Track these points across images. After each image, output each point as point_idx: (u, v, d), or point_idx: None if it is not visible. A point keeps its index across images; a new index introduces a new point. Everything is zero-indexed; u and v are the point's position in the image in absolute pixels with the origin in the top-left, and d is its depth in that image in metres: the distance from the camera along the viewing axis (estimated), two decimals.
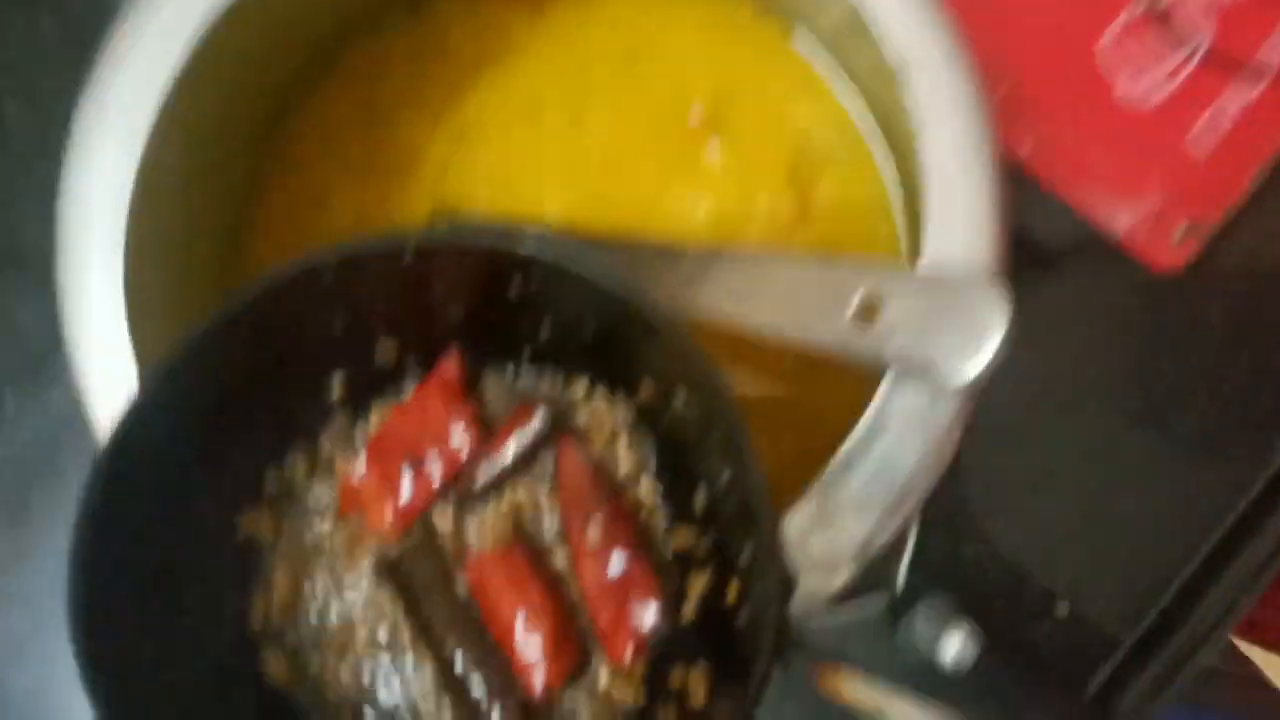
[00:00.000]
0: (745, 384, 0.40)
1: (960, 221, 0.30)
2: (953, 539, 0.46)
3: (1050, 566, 0.48)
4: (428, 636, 0.29)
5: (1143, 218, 0.40)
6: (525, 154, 0.42)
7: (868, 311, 0.30)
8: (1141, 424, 0.49)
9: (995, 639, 0.36)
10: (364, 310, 0.30)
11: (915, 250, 0.40)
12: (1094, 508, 0.49)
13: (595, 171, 0.42)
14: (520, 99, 0.42)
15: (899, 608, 0.32)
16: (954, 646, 0.29)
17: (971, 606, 0.37)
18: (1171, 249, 0.40)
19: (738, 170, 0.42)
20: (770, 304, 0.31)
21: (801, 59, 0.42)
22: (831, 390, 0.40)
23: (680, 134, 0.42)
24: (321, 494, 0.31)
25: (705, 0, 0.43)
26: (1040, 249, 0.43)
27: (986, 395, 0.47)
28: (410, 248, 0.28)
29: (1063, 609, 0.48)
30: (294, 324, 0.29)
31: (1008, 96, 0.40)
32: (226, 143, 0.38)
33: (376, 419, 0.32)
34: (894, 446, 0.30)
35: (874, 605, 0.33)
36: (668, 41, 0.43)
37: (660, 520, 0.30)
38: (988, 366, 0.28)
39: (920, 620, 0.30)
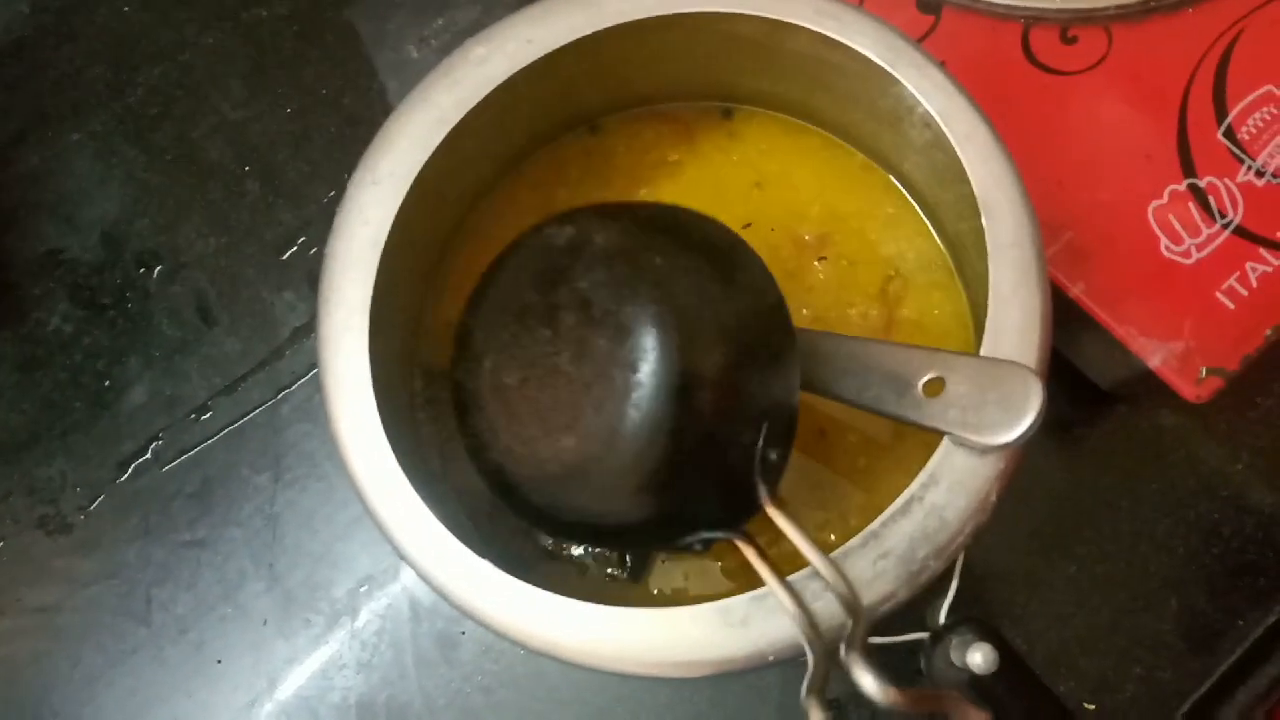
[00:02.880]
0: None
1: (1011, 326, 0.39)
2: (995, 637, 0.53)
3: (1080, 669, 0.54)
4: None
5: (1174, 356, 0.47)
6: None
7: (932, 388, 0.38)
8: (1169, 546, 0.55)
9: None
10: None
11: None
12: (1122, 620, 0.55)
13: None
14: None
15: (935, 640, 0.39)
16: (980, 655, 0.35)
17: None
18: (1197, 384, 0.47)
19: (838, 285, 0.51)
20: (859, 378, 0.40)
21: (897, 198, 0.51)
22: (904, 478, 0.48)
23: (793, 252, 0.52)
24: None
25: (821, 150, 0.53)
26: (1099, 381, 0.51)
27: (1031, 500, 0.54)
28: None
29: (1089, 709, 0.54)
30: None
31: (1068, 244, 0.49)
32: (444, 210, 0.48)
33: None
34: (944, 498, 0.38)
35: (917, 639, 0.40)
36: (788, 177, 0.53)
37: None
38: (1023, 435, 0.35)
39: (955, 645, 0.37)
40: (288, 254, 0.63)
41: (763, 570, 0.35)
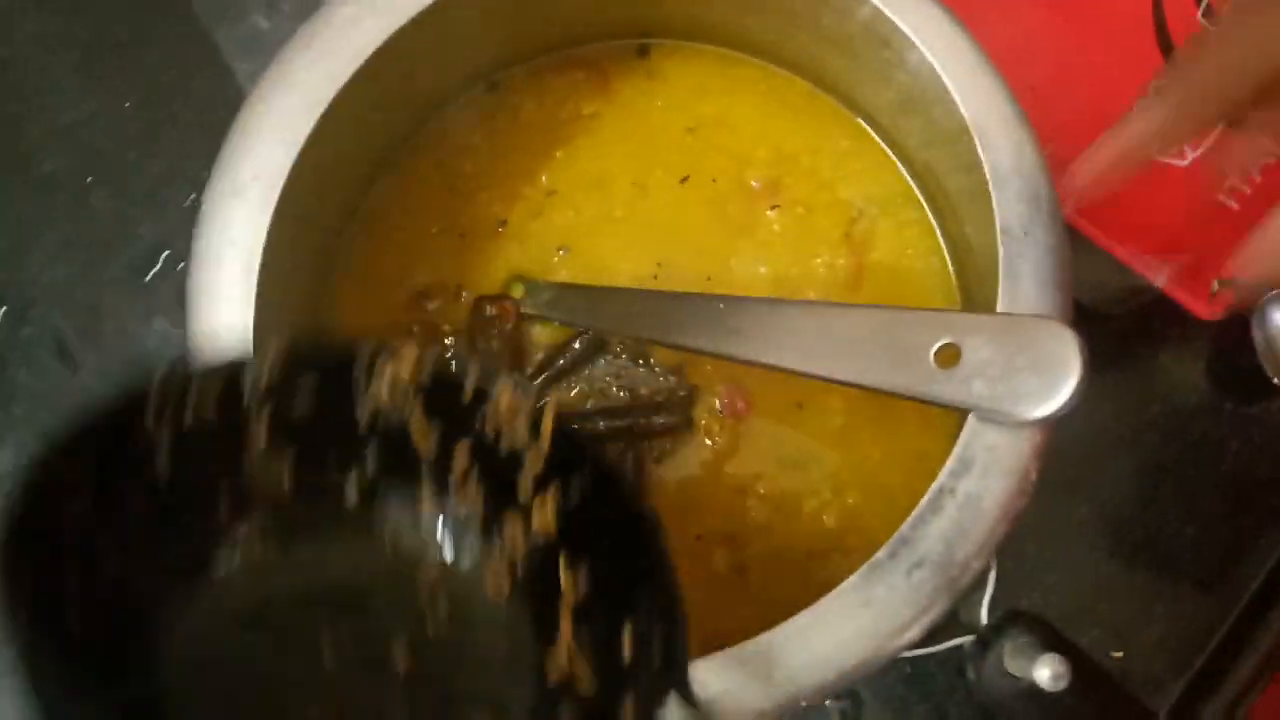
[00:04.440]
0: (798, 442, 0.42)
1: (1028, 272, 0.33)
2: (1012, 592, 0.48)
3: (1102, 616, 0.50)
4: None
5: (1181, 272, 0.42)
6: (596, 221, 0.44)
7: (946, 357, 0.32)
8: (1179, 471, 0.51)
9: None
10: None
11: (970, 305, 0.42)
12: (1139, 558, 0.50)
13: (662, 237, 0.44)
14: (589, 169, 0.45)
15: (981, 645, 0.34)
16: (1048, 669, 0.30)
17: None
18: (1210, 301, 0.42)
19: (796, 235, 0.44)
20: (854, 354, 0.33)
21: (854, 130, 0.45)
22: (891, 443, 0.42)
23: (741, 201, 0.45)
24: None
25: (759, 82, 0.46)
26: (1088, 303, 0.46)
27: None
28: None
29: (1115, 658, 0.49)
30: None
31: (1050, 159, 0.43)
32: (326, 208, 0.40)
33: None
34: (978, 485, 0.32)
35: (960, 644, 0.34)
36: (725, 118, 0.46)
37: None
38: (1067, 404, 0.30)
39: (1008, 652, 0.32)
40: (151, 274, 0.54)
41: None
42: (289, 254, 0.36)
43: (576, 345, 0.42)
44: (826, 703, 0.47)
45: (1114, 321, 0.48)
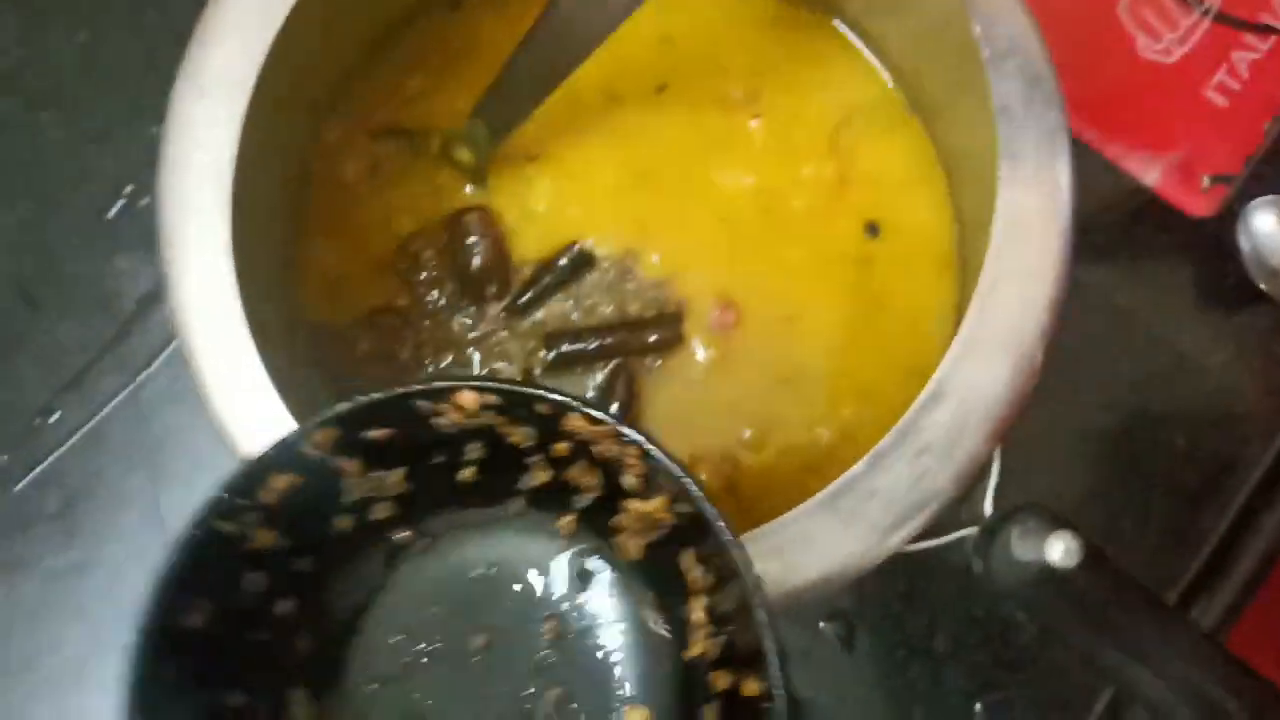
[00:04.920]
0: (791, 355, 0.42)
1: (1031, 154, 0.32)
2: (1004, 501, 0.47)
3: (1097, 525, 0.49)
4: None
5: (1173, 168, 0.42)
6: (569, 135, 0.43)
7: None
8: (1168, 380, 0.50)
9: None
10: None
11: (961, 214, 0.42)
12: (1133, 468, 0.50)
13: (640, 148, 0.43)
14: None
15: (988, 535, 0.33)
16: (1060, 546, 0.29)
17: None
18: (1202, 197, 0.42)
19: (779, 144, 0.43)
20: None
21: (833, 36, 0.44)
22: (884, 358, 0.42)
23: (721, 115, 0.44)
24: None
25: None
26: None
27: None
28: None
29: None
30: None
31: None
32: (295, 117, 0.39)
33: None
34: (982, 371, 0.31)
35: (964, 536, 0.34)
36: (701, 27, 0.45)
37: None
38: None
39: (1016, 536, 0.31)
40: (114, 210, 0.52)
41: None
42: (260, 163, 0.34)
43: (563, 261, 0.41)
44: (820, 625, 0.47)
45: (1102, 228, 0.48)
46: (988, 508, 0.33)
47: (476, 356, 0.41)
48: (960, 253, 0.41)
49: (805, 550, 0.30)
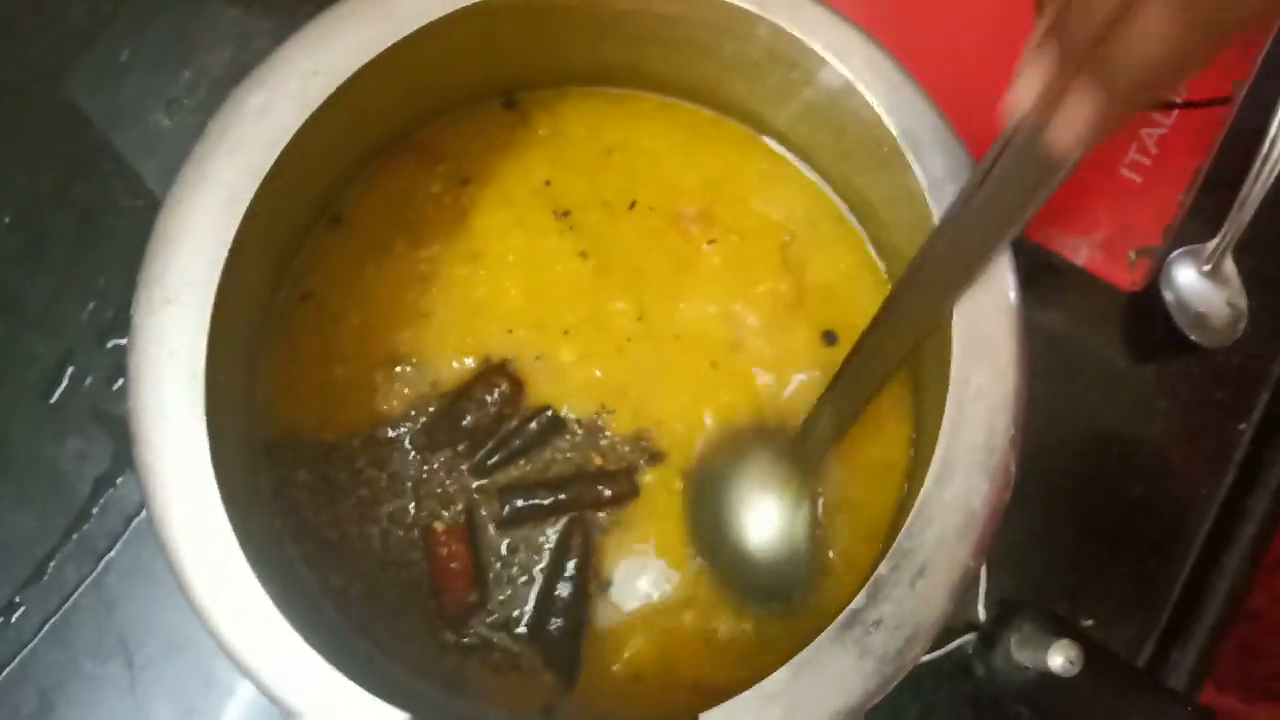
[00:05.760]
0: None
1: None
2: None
3: (1068, 587, 0.51)
4: None
5: (1098, 247, 0.44)
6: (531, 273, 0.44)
7: None
8: (1116, 435, 0.52)
9: None
10: None
11: None
12: (1097, 524, 0.52)
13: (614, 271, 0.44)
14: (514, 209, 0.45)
15: (986, 640, 0.34)
16: (1060, 658, 0.31)
17: None
18: (1130, 271, 0.44)
19: (736, 267, 0.44)
20: None
21: (767, 152, 0.45)
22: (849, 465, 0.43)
23: (679, 238, 0.44)
24: None
25: (661, 112, 0.46)
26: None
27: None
28: None
29: (1088, 626, 0.50)
30: None
31: None
32: (257, 320, 0.39)
33: None
34: (963, 488, 0.32)
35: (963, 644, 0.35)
36: (637, 145, 0.46)
37: None
38: None
39: (1016, 643, 0.32)
40: (57, 394, 0.51)
41: None
42: (229, 349, 0.34)
43: (532, 426, 0.41)
44: None
45: (1033, 303, 0.50)
46: (980, 612, 0.34)
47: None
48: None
49: (820, 687, 0.30)
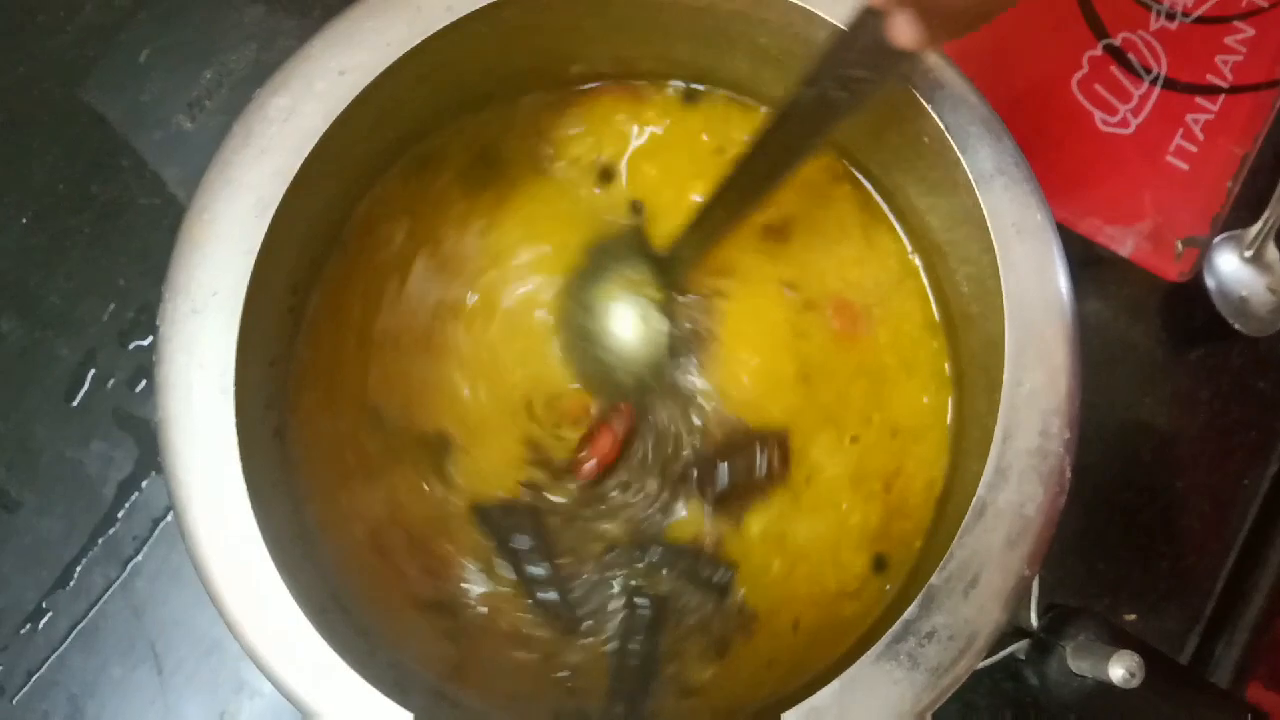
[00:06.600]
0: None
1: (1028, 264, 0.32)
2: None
3: (1109, 582, 0.50)
4: None
5: (1145, 238, 0.43)
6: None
7: None
8: (1157, 427, 0.51)
9: None
10: None
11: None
12: (1135, 519, 0.51)
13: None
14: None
15: (1039, 648, 0.33)
16: (1120, 670, 0.30)
17: None
18: (1176, 262, 0.43)
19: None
20: None
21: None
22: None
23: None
24: None
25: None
26: None
27: None
28: None
29: (1130, 620, 0.50)
30: None
31: None
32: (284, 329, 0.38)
33: None
34: (1015, 498, 0.31)
35: (1014, 651, 0.34)
36: None
37: None
38: None
39: (1071, 652, 0.31)
40: (79, 396, 0.50)
41: None
42: (260, 356, 0.33)
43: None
44: None
45: (1089, 294, 0.48)
46: (1033, 618, 0.33)
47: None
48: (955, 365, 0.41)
49: (872, 702, 0.29)
